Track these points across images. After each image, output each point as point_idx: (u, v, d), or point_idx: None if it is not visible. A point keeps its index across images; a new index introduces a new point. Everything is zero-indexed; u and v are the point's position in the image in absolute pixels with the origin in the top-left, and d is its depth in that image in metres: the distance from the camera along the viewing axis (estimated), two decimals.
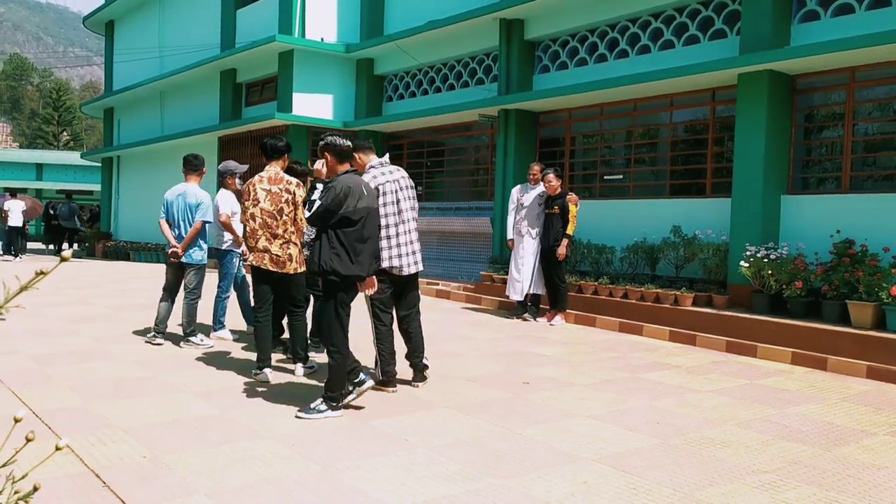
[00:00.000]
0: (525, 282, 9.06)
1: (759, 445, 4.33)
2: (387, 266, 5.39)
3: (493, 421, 4.70)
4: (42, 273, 1.16)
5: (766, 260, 7.71)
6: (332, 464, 3.82)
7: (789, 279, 7.54)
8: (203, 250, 7.08)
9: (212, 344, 7.06)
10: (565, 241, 8.74)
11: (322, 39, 15.31)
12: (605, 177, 11.26)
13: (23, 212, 19.30)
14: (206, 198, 7.08)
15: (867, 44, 7.37)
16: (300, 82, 15.12)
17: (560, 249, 8.72)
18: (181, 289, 7.14)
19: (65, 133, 67.32)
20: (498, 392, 5.49)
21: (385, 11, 15.28)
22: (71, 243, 23.95)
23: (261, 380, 5.65)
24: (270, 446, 4.09)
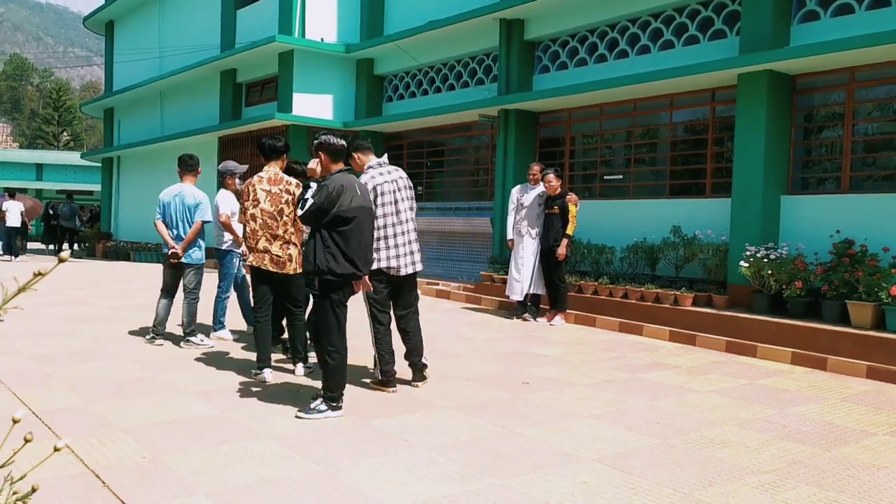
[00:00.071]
0: (525, 282, 9.06)
1: (759, 445, 4.33)
2: (384, 266, 5.38)
3: (493, 421, 4.70)
4: (40, 274, 1.16)
5: (765, 260, 7.72)
6: (332, 464, 3.82)
7: (789, 279, 7.55)
8: (202, 250, 7.08)
9: (212, 344, 7.06)
10: (565, 241, 8.74)
11: (322, 40, 15.31)
12: (605, 177, 11.27)
13: (21, 212, 19.32)
14: (204, 198, 7.08)
15: (867, 44, 7.37)
16: (300, 82, 15.12)
17: (560, 249, 8.72)
18: (180, 289, 7.14)
19: (65, 133, 67.36)
20: (498, 392, 5.49)
21: (385, 11, 15.28)
22: (71, 243, 23.96)
23: (261, 380, 5.65)
24: (270, 446, 4.09)
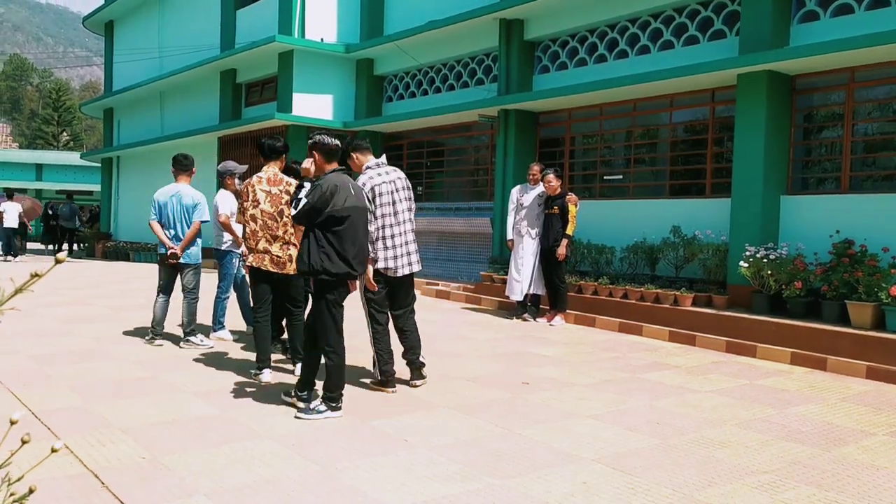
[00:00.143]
0: (525, 282, 9.05)
1: (759, 446, 4.33)
2: (382, 267, 5.39)
3: (492, 421, 4.70)
4: (37, 275, 1.16)
5: (765, 260, 7.72)
6: (332, 464, 3.82)
7: (789, 279, 7.55)
8: (199, 249, 7.12)
9: (211, 344, 7.07)
10: (565, 242, 8.74)
11: (322, 40, 15.31)
12: (605, 177, 11.27)
13: (20, 213, 19.34)
14: (202, 198, 7.10)
15: (867, 44, 7.37)
16: (300, 82, 15.12)
17: (560, 250, 8.72)
18: (177, 289, 7.16)
19: (64, 133, 67.34)
20: (498, 392, 5.49)
21: (385, 12, 15.28)
22: (71, 244, 23.96)
23: (260, 380, 5.65)
24: (270, 446, 4.09)
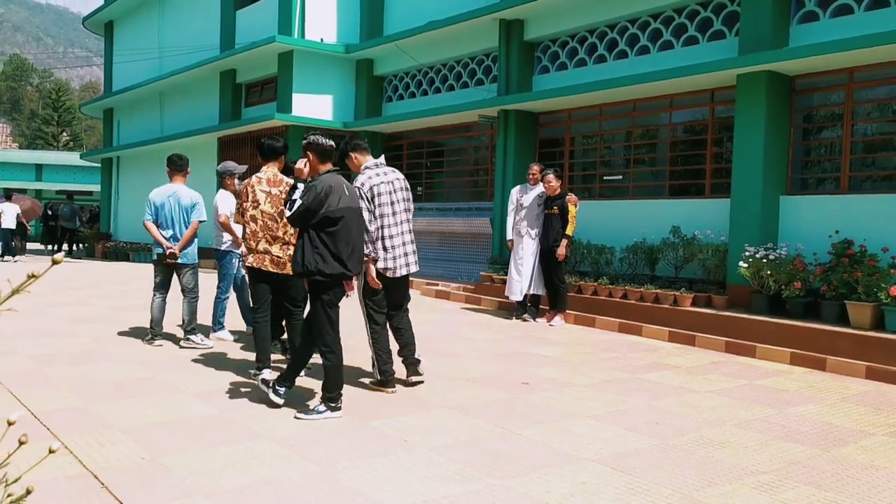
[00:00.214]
0: (525, 282, 9.06)
1: (758, 446, 4.33)
2: (381, 267, 5.40)
3: (492, 421, 4.71)
4: (34, 276, 1.16)
5: (765, 260, 7.72)
6: (332, 464, 3.83)
7: (788, 279, 7.55)
8: (195, 248, 7.19)
9: (211, 344, 7.07)
10: (565, 242, 8.74)
11: (322, 40, 15.31)
12: (605, 177, 11.27)
13: (17, 214, 19.36)
14: (199, 198, 7.16)
15: (866, 44, 7.38)
16: (300, 83, 15.12)
17: (559, 250, 8.73)
18: (180, 290, 7.16)
19: (64, 134, 67.32)
20: (497, 392, 5.50)
21: (385, 12, 15.28)
22: (71, 244, 23.96)
23: (260, 380, 5.64)
24: (270, 447, 4.09)
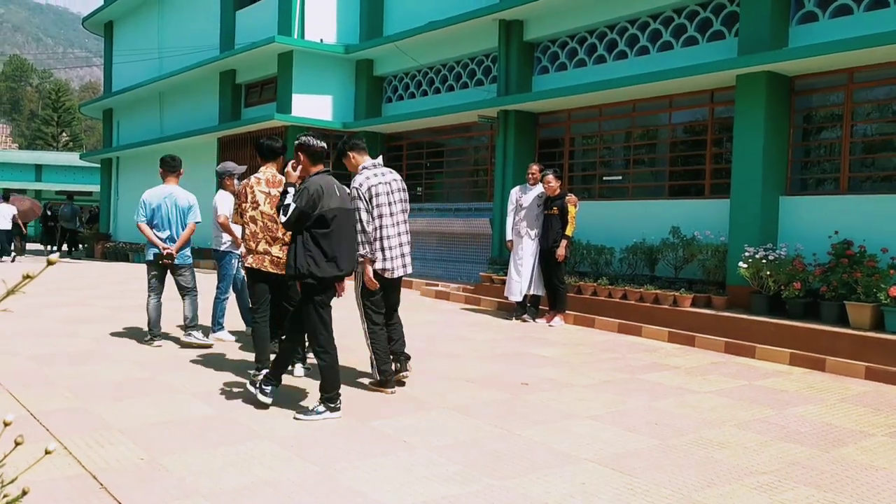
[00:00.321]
0: (524, 283, 9.05)
1: (758, 446, 4.33)
2: (379, 268, 5.41)
3: (492, 422, 4.71)
4: (29, 276, 1.16)
5: (764, 261, 7.72)
6: (331, 465, 3.82)
7: (788, 280, 7.55)
8: (190, 248, 7.26)
9: (211, 342, 7.07)
10: (564, 242, 8.74)
11: (321, 40, 15.31)
12: (605, 178, 11.27)
13: (14, 215, 19.40)
14: (195, 199, 7.28)
15: (865, 45, 7.38)
16: (299, 83, 15.12)
17: (559, 250, 8.73)
18: (178, 290, 7.18)
19: (64, 134, 67.31)
20: (497, 393, 5.50)
21: (384, 12, 15.28)
22: (71, 244, 23.95)
23: (248, 382, 5.62)
24: (269, 447, 4.09)
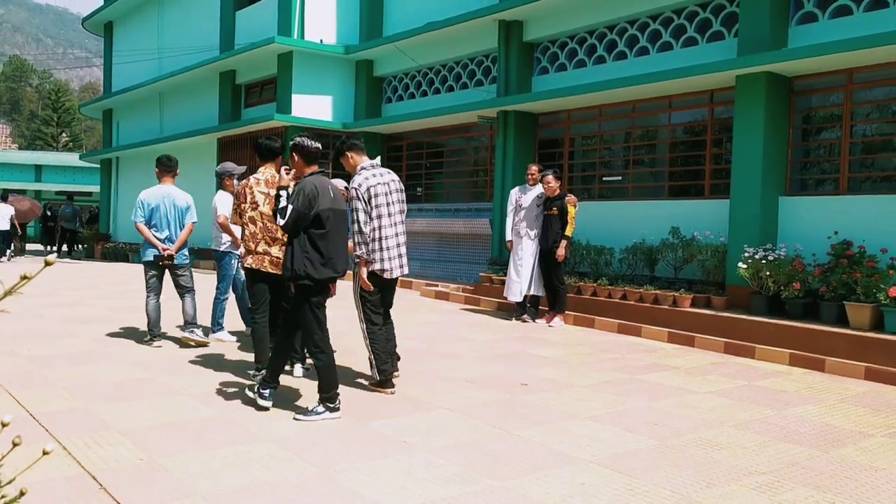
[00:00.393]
0: (524, 283, 9.05)
1: (757, 447, 4.33)
2: (378, 269, 5.41)
3: (491, 422, 4.70)
4: (26, 277, 1.16)
5: (764, 261, 7.72)
6: (330, 466, 3.82)
7: (787, 280, 7.55)
8: (187, 248, 7.31)
9: (209, 342, 7.08)
10: (564, 243, 8.74)
11: (321, 41, 15.31)
12: (604, 178, 11.27)
13: (12, 216, 19.43)
14: (192, 199, 7.32)
15: (865, 45, 7.38)
16: (299, 84, 15.12)
17: (559, 251, 8.73)
18: (176, 290, 7.20)
19: (64, 134, 67.28)
20: (496, 393, 5.49)
21: (384, 13, 15.28)
22: (71, 245, 23.94)
23: (246, 387, 5.62)
24: (268, 448, 4.09)
